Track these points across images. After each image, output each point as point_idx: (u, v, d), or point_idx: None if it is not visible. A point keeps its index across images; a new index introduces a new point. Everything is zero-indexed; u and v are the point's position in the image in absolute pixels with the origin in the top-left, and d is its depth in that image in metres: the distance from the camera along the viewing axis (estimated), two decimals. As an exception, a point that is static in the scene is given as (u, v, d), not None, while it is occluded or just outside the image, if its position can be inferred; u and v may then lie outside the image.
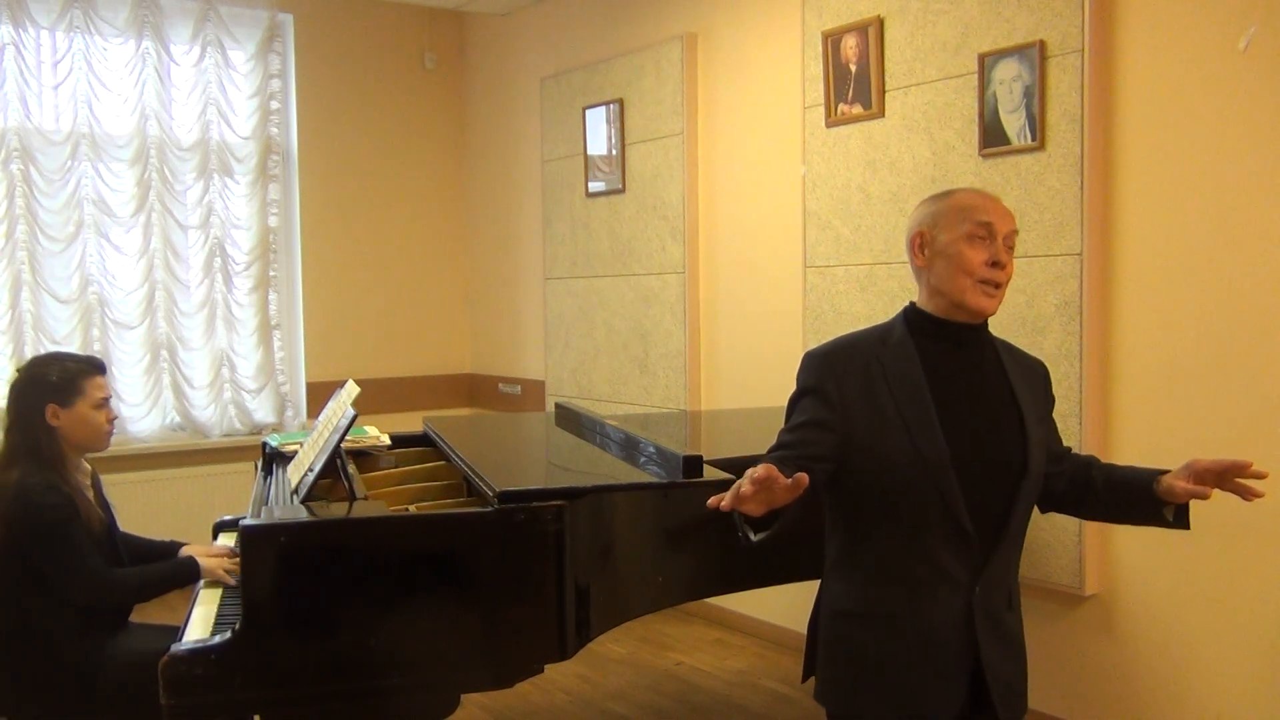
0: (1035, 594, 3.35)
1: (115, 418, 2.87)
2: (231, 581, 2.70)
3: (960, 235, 1.95)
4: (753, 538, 1.83)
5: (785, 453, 1.94)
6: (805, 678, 2.19)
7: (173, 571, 2.76)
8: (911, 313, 2.04)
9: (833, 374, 1.98)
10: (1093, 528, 3.17)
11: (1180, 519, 2.00)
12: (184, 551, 2.94)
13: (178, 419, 5.26)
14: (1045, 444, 2.03)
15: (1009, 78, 3.28)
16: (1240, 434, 2.86)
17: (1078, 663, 3.28)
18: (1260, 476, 1.88)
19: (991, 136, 3.34)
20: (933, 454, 1.91)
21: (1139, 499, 2.00)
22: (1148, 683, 3.11)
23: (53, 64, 4.90)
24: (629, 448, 2.73)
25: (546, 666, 2.27)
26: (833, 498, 2.05)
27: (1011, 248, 1.99)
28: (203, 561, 2.76)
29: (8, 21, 4.78)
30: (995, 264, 1.95)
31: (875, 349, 2.00)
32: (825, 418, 1.96)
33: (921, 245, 2.01)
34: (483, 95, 6.01)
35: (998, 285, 1.96)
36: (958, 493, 1.90)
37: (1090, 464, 2.12)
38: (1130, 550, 3.14)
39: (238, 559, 2.67)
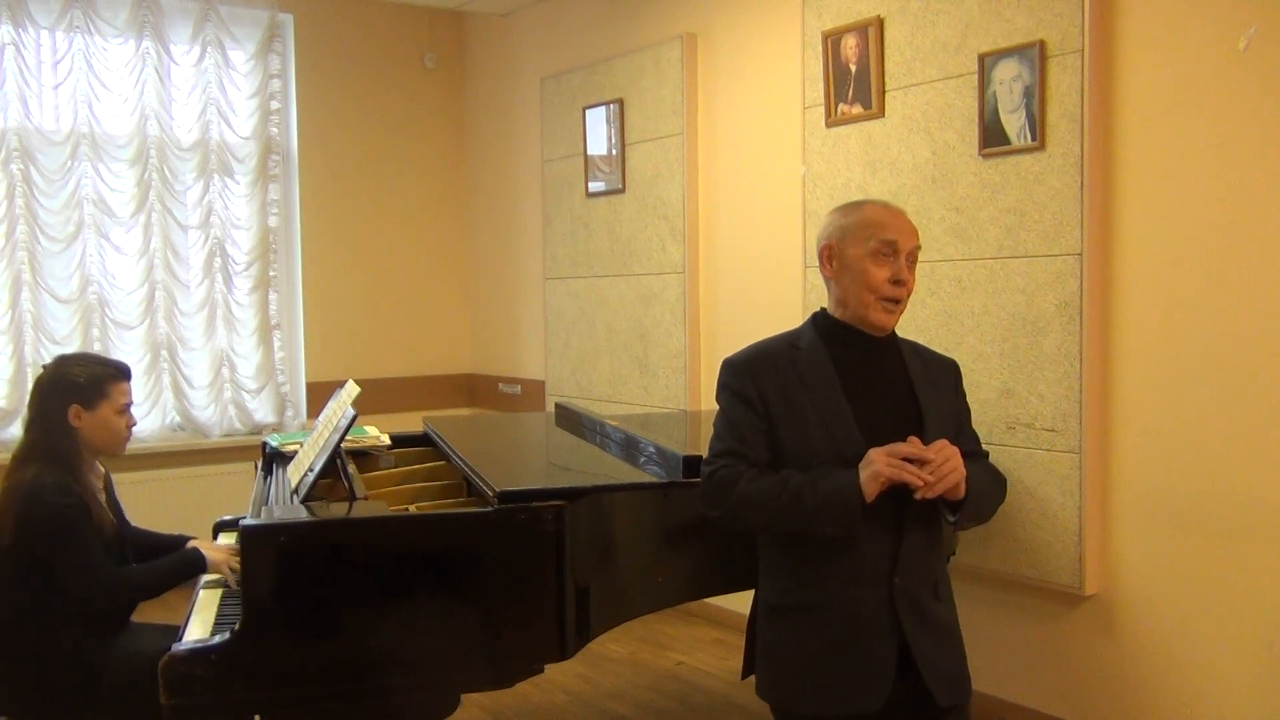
0: (1035, 594, 3.36)
1: (134, 424, 2.87)
2: (233, 578, 2.70)
3: (865, 252, 2.07)
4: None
5: (736, 459, 2.07)
6: (745, 675, 2.27)
7: (181, 565, 2.74)
8: (821, 319, 2.17)
9: (753, 379, 2.10)
10: (1093, 527, 3.17)
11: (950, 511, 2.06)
12: (191, 544, 2.95)
13: (178, 419, 5.26)
14: (946, 437, 2.07)
15: (1009, 78, 3.28)
16: (1240, 434, 2.86)
17: (1078, 663, 3.28)
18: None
19: (991, 136, 3.34)
20: (851, 449, 2.02)
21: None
22: (1148, 683, 3.11)
23: (53, 64, 4.90)
24: (629, 448, 2.74)
25: (546, 666, 2.27)
26: None
27: (913, 263, 2.11)
28: (209, 554, 2.75)
29: (8, 21, 4.77)
30: (897, 281, 2.07)
31: (789, 354, 2.12)
32: (755, 421, 2.08)
33: (830, 257, 2.13)
34: (483, 95, 6.01)
35: (898, 301, 2.09)
36: None
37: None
38: (1130, 550, 3.14)
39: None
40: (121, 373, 2.83)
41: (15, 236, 4.84)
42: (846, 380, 2.08)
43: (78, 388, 2.73)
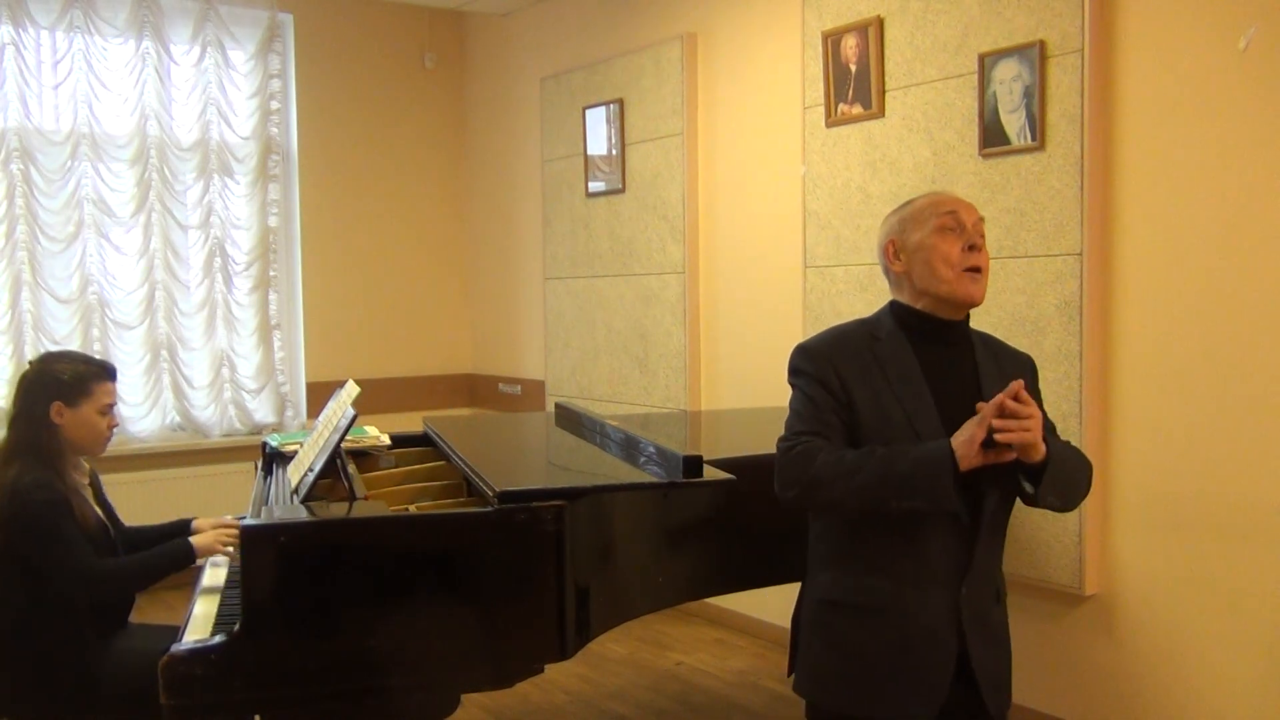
0: (1035, 594, 3.35)
1: (116, 425, 2.87)
2: (229, 552, 2.69)
3: (930, 230, 2.01)
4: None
5: (815, 437, 1.98)
6: (791, 671, 2.21)
7: (168, 556, 2.71)
8: (898, 308, 2.09)
9: (830, 364, 2.03)
10: (1092, 528, 3.17)
11: (1032, 481, 1.95)
12: (194, 525, 2.96)
13: (178, 419, 5.26)
14: None
15: (1009, 78, 3.28)
16: (1240, 434, 2.86)
17: (1078, 663, 3.28)
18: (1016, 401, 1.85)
19: (991, 136, 3.34)
20: (929, 433, 1.95)
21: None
22: (1148, 683, 3.11)
23: (53, 64, 4.90)
24: (629, 448, 2.73)
25: (546, 666, 2.26)
26: None
27: (981, 234, 2.03)
28: (197, 541, 2.72)
29: (8, 21, 4.78)
30: (971, 247, 2.00)
31: (867, 342, 2.05)
32: (834, 404, 2.00)
33: (895, 252, 2.07)
34: (483, 95, 6.01)
35: (979, 270, 2.01)
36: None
37: None
38: (1130, 550, 3.14)
39: (234, 532, 2.70)
40: (107, 372, 2.82)
41: (15, 236, 4.84)
42: (925, 371, 2.02)
43: (61, 385, 2.72)
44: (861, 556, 2.03)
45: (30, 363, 2.84)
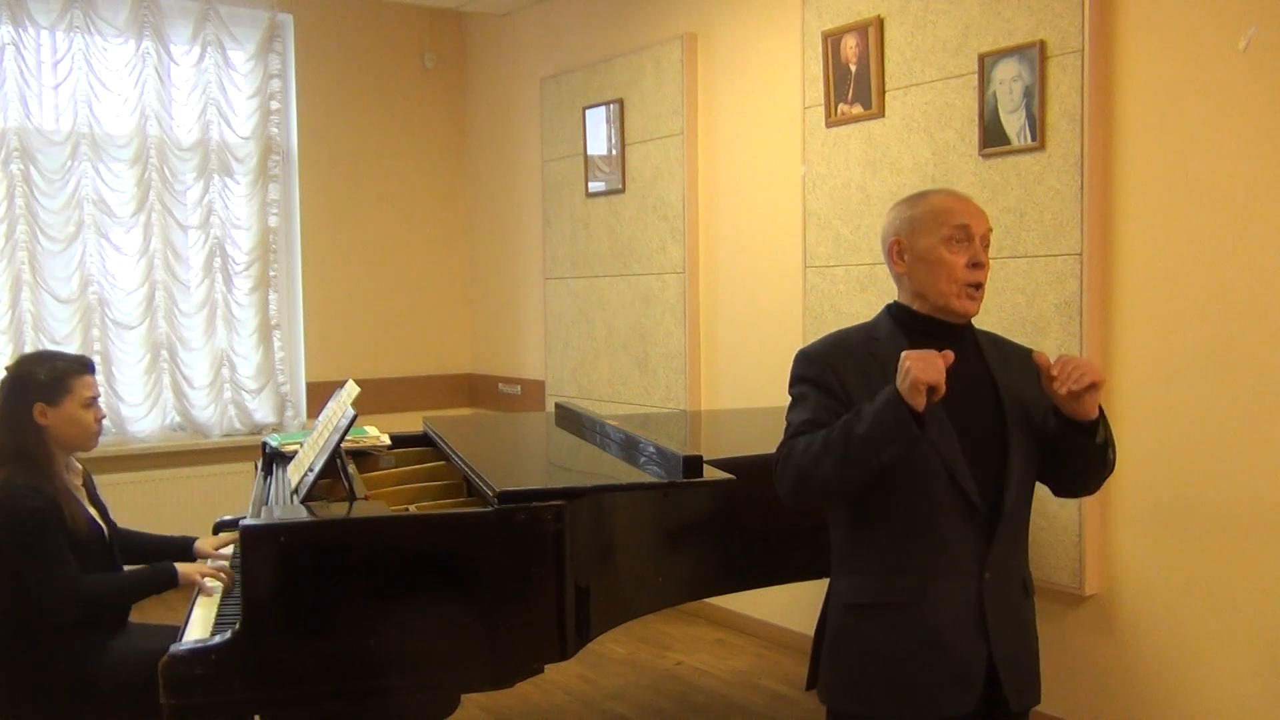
0: (1035, 594, 3.35)
1: (103, 417, 2.85)
2: (210, 591, 2.66)
3: (938, 240, 2.00)
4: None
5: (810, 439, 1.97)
6: (810, 685, 2.17)
7: (149, 579, 2.71)
8: (898, 311, 2.09)
9: (831, 368, 2.02)
10: (1092, 528, 3.17)
11: (1090, 428, 1.98)
12: (196, 547, 2.97)
13: (178, 419, 5.26)
14: (1028, 424, 2.03)
15: (1009, 78, 3.28)
16: (1240, 434, 2.86)
17: (1078, 663, 3.28)
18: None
19: (991, 136, 3.34)
20: (938, 433, 1.94)
21: (1064, 432, 1.99)
22: (1148, 683, 3.11)
23: (53, 64, 4.90)
24: (629, 448, 2.73)
25: (546, 666, 2.27)
26: None
27: (987, 246, 2.03)
28: (181, 569, 2.71)
29: (8, 21, 4.78)
30: (976, 264, 2.00)
31: (867, 344, 2.05)
32: (835, 406, 1.99)
33: (900, 252, 2.05)
34: (483, 95, 6.01)
35: (979, 286, 2.01)
36: (965, 467, 1.92)
37: None
38: (1130, 550, 3.14)
39: (222, 567, 2.69)
40: (84, 366, 2.81)
41: (15, 236, 4.84)
42: None
43: (40, 385, 2.71)
44: (880, 555, 2.01)
45: (6, 369, 2.82)
